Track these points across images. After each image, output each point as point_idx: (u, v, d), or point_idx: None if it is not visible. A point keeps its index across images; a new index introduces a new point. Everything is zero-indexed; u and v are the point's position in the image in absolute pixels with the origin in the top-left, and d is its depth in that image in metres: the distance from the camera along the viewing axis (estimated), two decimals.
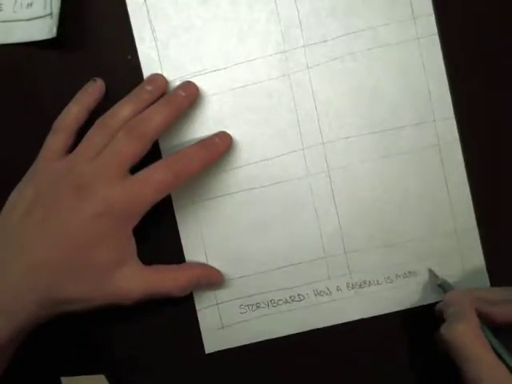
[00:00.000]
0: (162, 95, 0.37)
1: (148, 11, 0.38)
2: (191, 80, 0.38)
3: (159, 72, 0.38)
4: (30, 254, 0.33)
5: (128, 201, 0.34)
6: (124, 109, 0.35)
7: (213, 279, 0.38)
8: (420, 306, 0.39)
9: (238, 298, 0.39)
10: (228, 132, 0.39)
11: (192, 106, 0.38)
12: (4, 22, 0.37)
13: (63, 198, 0.33)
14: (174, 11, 0.38)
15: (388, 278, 0.39)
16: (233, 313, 0.39)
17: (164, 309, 0.39)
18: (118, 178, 0.34)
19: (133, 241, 0.35)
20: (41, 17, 0.37)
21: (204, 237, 0.39)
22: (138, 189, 0.34)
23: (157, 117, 0.35)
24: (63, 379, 0.38)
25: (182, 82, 0.38)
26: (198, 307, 0.39)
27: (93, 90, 0.37)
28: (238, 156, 0.39)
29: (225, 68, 0.39)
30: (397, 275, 0.39)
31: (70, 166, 0.35)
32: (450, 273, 0.39)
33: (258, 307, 0.39)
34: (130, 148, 0.34)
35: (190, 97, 0.37)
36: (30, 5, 0.37)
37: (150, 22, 0.38)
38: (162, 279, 0.36)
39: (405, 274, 0.39)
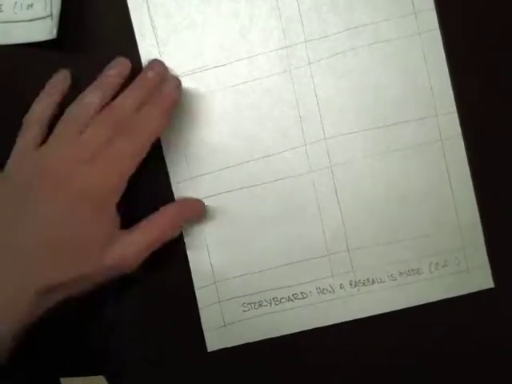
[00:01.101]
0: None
1: (148, 8, 0.38)
2: (192, 76, 0.38)
3: None
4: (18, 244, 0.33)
5: (99, 186, 0.34)
6: (92, 97, 0.35)
7: (194, 214, 0.38)
8: (424, 304, 0.39)
9: (241, 296, 0.39)
10: (230, 128, 0.38)
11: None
12: (4, 22, 0.37)
13: (41, 189, 0.34)
14: (174, 7, 0.38)
15: (391, 275, 0.39)
16: (235, 311, 0.39)
17: (166, 307, 0.39)
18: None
19: (117, 218, 0.35)
20: (41, 18, 0.36)
21: (206, 234, 0.39)
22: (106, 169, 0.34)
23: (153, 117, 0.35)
24: (63, 380, 0.38)
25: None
26: (200, 305, 0.39)
27: (57, 83, 0.37)
28: (241, 152, 0.39)
29: (226, 64, 0.38)
30: (400, 273, 0.39)
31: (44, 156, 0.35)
32: (453, 270, 0.39)
33: (260, 305, 0.39)
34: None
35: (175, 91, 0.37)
36: (30, 6, 0.37)
37: (151, 18, 0.38)
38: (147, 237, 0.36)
39: (408, 271, 0.39)
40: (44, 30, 0.36)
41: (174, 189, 0.39)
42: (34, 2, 0.36)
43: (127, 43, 0.38)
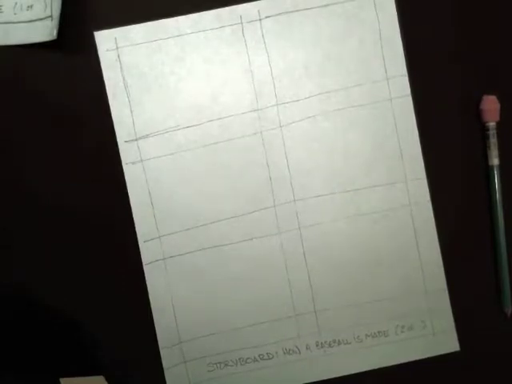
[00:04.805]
0: None
1: (121, 67, 0.38)
2: (164, 136, 0.38)
3: (131, 127, 0.38)
4: None
5: None
6: None
7: None
8: (389, 366, 0.39)
9: (206, 356, 0.39)
10: (200, 188, 0.38)
11: None
12: (4, 23, 0.37)
13: None
14: (147, 67, 0.38)
15: (358, 337, 0.39)
16: (200, 371, 0.39)
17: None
18: None
19: None
20: (41, 19, 0.36)
21: (173, 293, 0.39)
22: None
23: None
24: (62, 380, 0.37)
25: None
26: (165, 365, 0.39)
27: None
28: (209, 212, 0.39)
29: (198, 125, 0.38)
30: (366, 335, 0.39)
31: None
32: (419, 333, 0.39)
33: (226, 365, 0.39)
34: None
35: None
36: (30, 7, 0.36)
37: (124, 77, 0.38)
38: None
39: (374, 333, 0.39)
40: (44, 30, 0.36)
41: (141, 247, 0.38)
42: (33, 3, 0.36)
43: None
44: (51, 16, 0.36)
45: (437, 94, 0.39)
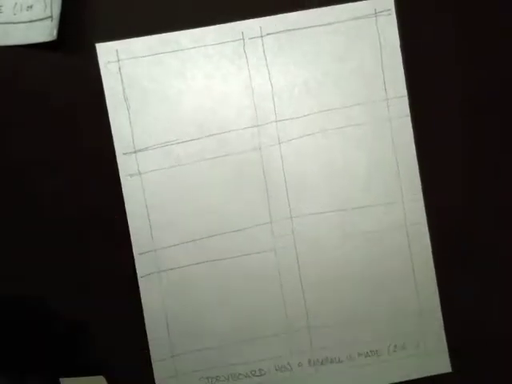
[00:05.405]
0: None
1: (122, 80, 0.38)
2: (163, 149, 0.38)
3: (130, 140, 0.38)
4: None
5: None
6: None
7: None
8: None
9: (198, 370, 0.39)
10: (197, 202, 0.38)
11: None
12: (4, 23, 0.37)
13: None
14: (148, 80, 0.38)
15: (350, 356, 0.39)
16: None
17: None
18: None
19: None
20: (41, 19, 0.36)
21: (167, 306, 0.39)
22: None
23: None
24: (62, 380, 0.37)
25: None
26: (156, 379, 0.39)
27: None
28: (206, 226, 0.39)
29: (197, 139, 0.39)
30: (359, 354, 0.39)
31: None
32: (412, 353, 0.39)
33: (217, 380, 0.39)
34: None
35: None
36: (30, 7, 0.36)
37: (124, 90, 0.38)
38: None
39: (367, 352, 0.39)
40: (44, 31, 0.36)
41: (136, 260, 0.38)
42: (33, 4, 0.36)
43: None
44: (51, 16, 0.36)
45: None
